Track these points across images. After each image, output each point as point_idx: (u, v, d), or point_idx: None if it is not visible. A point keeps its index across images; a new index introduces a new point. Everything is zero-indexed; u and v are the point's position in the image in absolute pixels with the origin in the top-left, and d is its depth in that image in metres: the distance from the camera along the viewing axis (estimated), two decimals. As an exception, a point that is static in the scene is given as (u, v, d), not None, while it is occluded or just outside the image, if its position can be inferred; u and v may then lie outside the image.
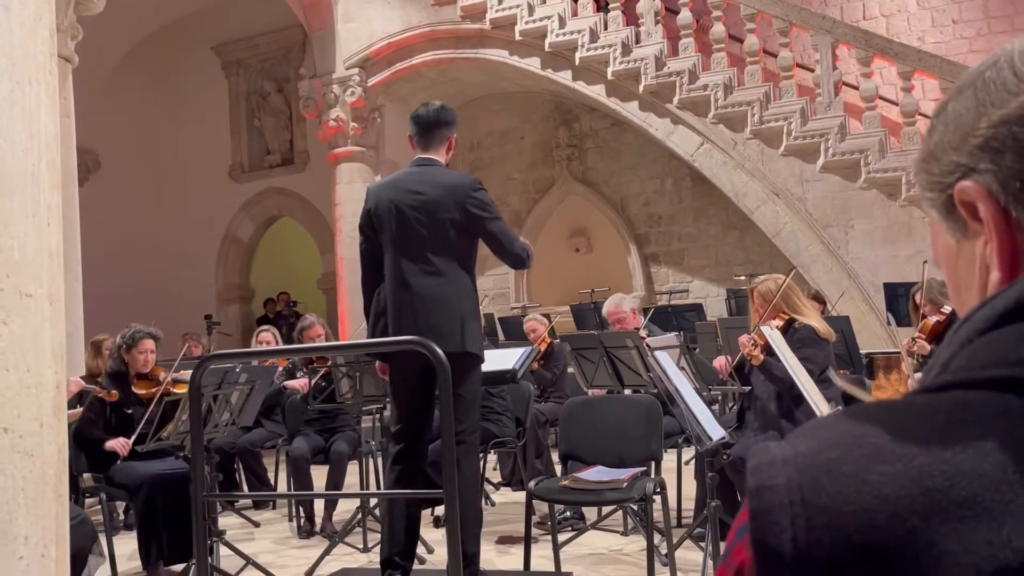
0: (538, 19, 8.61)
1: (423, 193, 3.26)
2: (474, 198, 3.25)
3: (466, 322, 3.23)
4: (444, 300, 3.21)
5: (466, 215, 3.22)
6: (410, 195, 3.27)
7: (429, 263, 3.23)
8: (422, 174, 3.33)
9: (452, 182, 3.30)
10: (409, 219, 3.25)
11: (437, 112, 3.40)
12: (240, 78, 12.53)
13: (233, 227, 12.61)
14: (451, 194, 3.24)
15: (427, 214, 3.22)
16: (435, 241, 3.23)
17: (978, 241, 0.56)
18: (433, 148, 3.39)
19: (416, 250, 3.24)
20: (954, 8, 9.41)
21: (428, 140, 3.38)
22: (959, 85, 0.60)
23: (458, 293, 3.24)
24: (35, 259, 1.35)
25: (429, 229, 3.23)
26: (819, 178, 7.66)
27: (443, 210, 3.22)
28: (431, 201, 3.23)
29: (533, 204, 10.39)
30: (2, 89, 1.30)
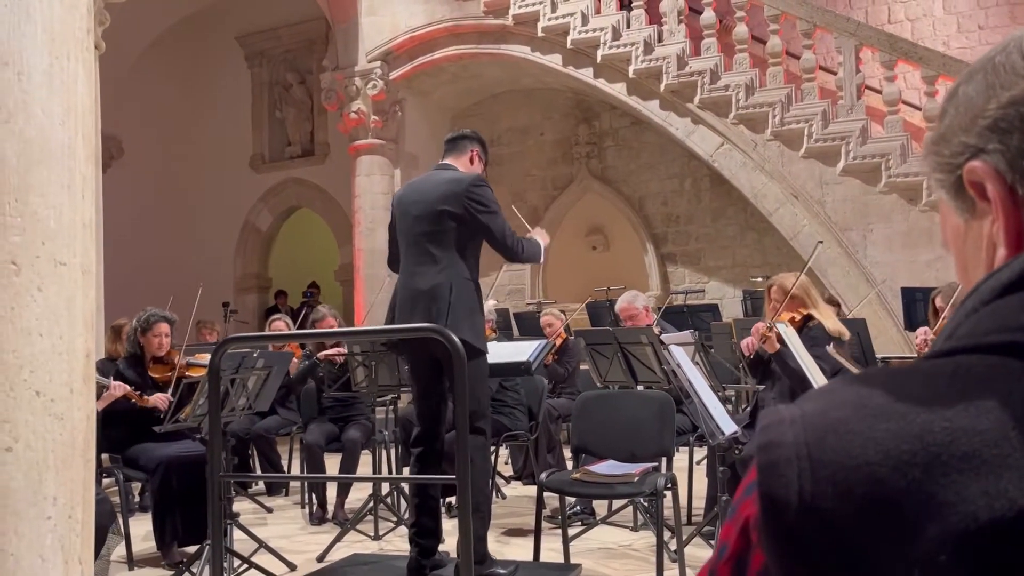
0: (561, 16, 8.63)
1: (426, 190, 3.45)
2: (472, 192, 3.37)
3: (460, 312, 3.32)
4: (438, 288, 3.33)
5: (463, 208, 3.35)
6: (417, 193, 3.48)
7: (428, 255, 3.38)
8: (432, 175, 3.55)
9: (453, 177, 3.46)
10: (412, 215, 3.43)
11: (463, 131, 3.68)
12: (263, 69, 12.62)
13: (252, 217, 12.70)
14: (451, 189, 3.38)
15: (427, 208, 3.39)
16: (434, 234, 3.38)
17: (986, 220, 0.58)
18: (453, 156, 3.59)
19: (418, 243, 3.41)
20: (980, 14, 9.34)
21: (451, 149, 3.61)
22: (970, 70, 0.62)
23: (454, 283, 3.34)
24: (69, 229, 1.39)
25: (429, 223, 3.38)
26: (839, 181, 7.63)
27: (442, 203, 3.37)
28: (432, 196, 3.40)
29: (551, 201, 10.40)
30: (42, 63, 1.34)
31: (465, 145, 3.58)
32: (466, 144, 3.58)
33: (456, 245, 3.37)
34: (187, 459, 4.12)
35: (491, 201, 3.42)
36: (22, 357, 1.33)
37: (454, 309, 3.30)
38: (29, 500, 1.31)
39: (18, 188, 1.32)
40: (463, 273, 3.38)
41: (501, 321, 7.55)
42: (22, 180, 1.33)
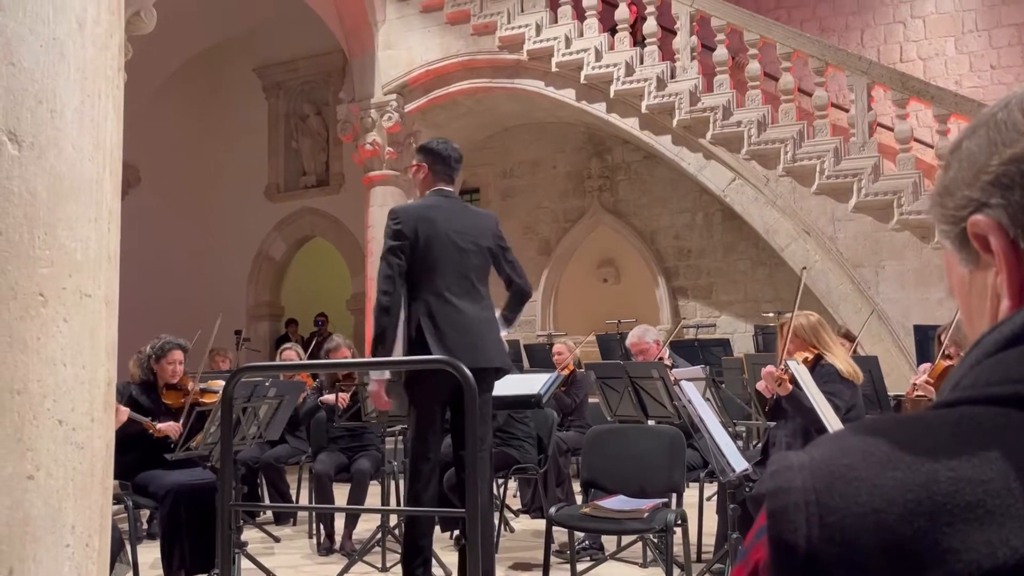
0: (575, 51, 8.73)
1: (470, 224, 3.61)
2: (498, 231, 3.68)
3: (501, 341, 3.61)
4: (491, 322, 3.56)
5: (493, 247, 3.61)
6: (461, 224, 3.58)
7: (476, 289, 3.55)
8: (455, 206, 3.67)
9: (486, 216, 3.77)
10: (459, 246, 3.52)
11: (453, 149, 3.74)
12: (280, 100, 12.80)
13: (266, 245, 12.80)
14: (488, 227, 3.64)
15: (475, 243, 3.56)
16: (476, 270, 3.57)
17: (989, 272, 0.60)
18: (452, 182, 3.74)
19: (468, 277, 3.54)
20: (992, 53, 9.40)
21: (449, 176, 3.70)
22: (973, 124, 0.64)
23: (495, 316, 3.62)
24: (95, 261, 1.43)
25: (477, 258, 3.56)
26: (851, 218, 7.64)
27: (486, 240, 3.60)
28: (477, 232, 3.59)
29: (563, 233, 10.45)
30: (74, 101, 1.38)
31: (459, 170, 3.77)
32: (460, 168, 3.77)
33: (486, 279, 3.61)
34: (196, 487, 4.12)
35: None
36: (46, 386, 1.36)
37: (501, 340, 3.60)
38: (48, 527, 1.33)
39: (47, 222, 1.36)
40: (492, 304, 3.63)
41: (512, 353, 7.56)
42: (51, 214, 1.37)
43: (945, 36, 9.60)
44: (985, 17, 9.45)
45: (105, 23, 1.45)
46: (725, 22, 8.31)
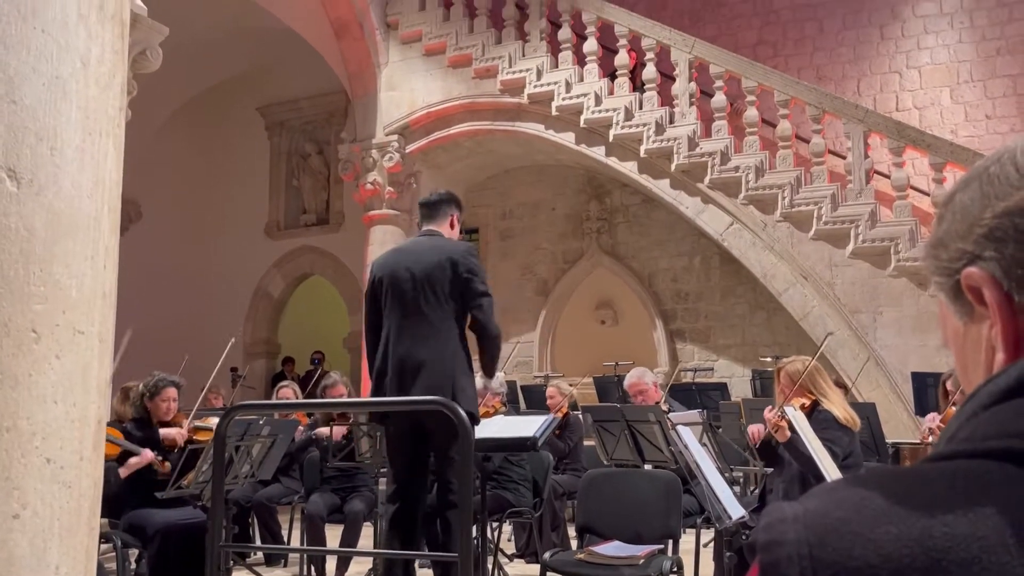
0: (575, 96, 8.83)
1: (420, 260, 3.45)
2: (467, 262, 3.43)
3: (457, 382, 3.35)
4: (437, 361, 3.35)
5: (457, 279, 3.40)
6: (408, 261, 3.47)
7: (422, 326, 3.38)
8: (420, 243, 3.58)
9: (447, 248, 3.50)
10: (404, 285, 3.42)
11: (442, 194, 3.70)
12: (282, 139, 12.91)
13: (265, 282, 12.81)
14: (445, 259, 3.42)
15: (422, 279, 3.41)
16: (428, 305, 3.39)
17: (984, 324, 0.60)
18: (436, 222, 3.63)
19: (411, 314, 3.41)
20: (988, 104, 9.51)
21: (432, 216, 3.64)
22: (966, 177, 0.65)
23: (450, 354, 3.38)
24: (90, 298, 1.43)
25: (423, 293, 3.40)
26: (848, 264, 7.67)
27: (437, 273, 3.40)
28: (426, 266, 3.42)
29: (561, 274, 10.47)
30: (75, 140, 1.39)
31: (444, 210, 3.62)
32: (445, 209, 3.63)
33: (452, 314, 3.41)
34: (186, 527, 4.07)
35: (484, 273, 3.50)
36: (36, 424, 1.35)
37: (457, 380, 3.33)
38: (33, 568, 1.31)
39: (43, 258, 1.36)
40: (459, 342, 3.42)
41: (509, 394, 7.52)
42: (48, 251, 1.37)
43: (941, 86, 9.73)
44: (980, 68, 9.59)
45: (109, 63, 1.47)
46: (723, 69, 8.42)
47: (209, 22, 10.28)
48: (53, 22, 1.34)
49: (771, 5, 10.56)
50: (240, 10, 9.83)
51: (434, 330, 3.37)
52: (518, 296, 10.42)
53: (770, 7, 10.56)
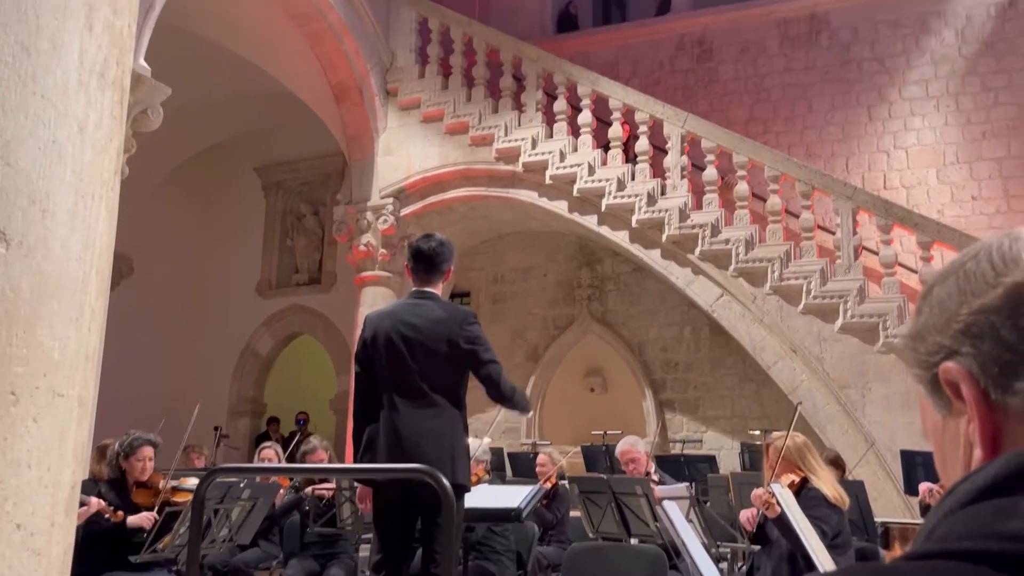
0: (569, 165, 8.96)
1: (418, 326, 3.34)
2: (467, 331, 3.33)
3: (456, 454, 3.27)
4: (435, 432, 3.26)
5: (458, 348, 3.31)
6: (406, 327, 3.35)
7: (422, 395, 3.29)
8: (419, 307, 3.42)
9: (447, 315, 3.39)
10: (403, 351, 3.32)
11: (438, 246, 3.51)
12: (278, 199, 13.02)
13: (253, 341, 12.75)
14: (445, 327, 3.33)
15: (421, 346, 3.31)
16: (428, 374, 3.30)
17: (962, 419, 0.60)
18: (432, 282, 3.50)
19: (409, 382, 3.31)
20: (973, 185, 9.69)
21: (428, 274, 3.49)
22: (943, 271, 0.66)
23: (449, 425, 3.29)
24: (72, 361, 1.42)
25: (422, 362, 3.30)
26: (837, 339, 7.69)
27: (436, 342, 3.30)
28: (426, 333, 3.32)
29: (551, 340, 10.46)
30: (67, 202, 1.41)
31: (442, 267, 3.50)
32: (443, 266, 3.50)
33: (448, 386, 3.33)
34: (160, 592, 3.96)
35: (486, 340, 3.41)
36: (7, 488, 1.33)
37: (455, 451, 3.26)
38: (-5, 639, 1.27)
39: (28, 320, 1.36)
40: (458, 416, 3.34)
41: (495, 461, 7.43)
42: (33, 312, 1.37)
43: (927, 167, 9.92)
44: (966, 151, 9.79)
45: (107, 127, 1.49)
46: (715, 144, 8.58)
47: (212, 84, 10.47)
48: (53, 88, 1.36)
49: (762, 84, 10.83)
50: (243, 73, 10.02)
51: (432, 399, 3.29)
52: (508, 361, 10.36)
53: (761, 86, 10.83)
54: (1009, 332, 0.57)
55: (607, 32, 12.26)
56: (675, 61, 11.30)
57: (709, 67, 11.14)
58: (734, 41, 11.04)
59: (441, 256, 3.50)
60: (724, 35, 11.11)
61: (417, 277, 3.52)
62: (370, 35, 9.81)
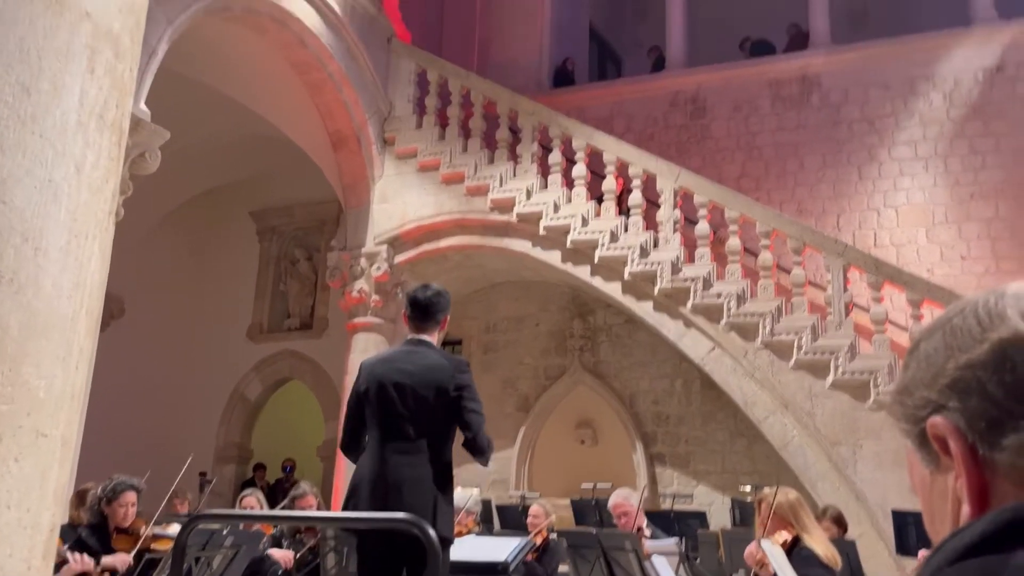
0: (563, 217, 9.03)
1: (411, 372, 3.36)
2: (458, 379, 3.35)
3: (439, 503, 3.24)
4: (418, 480, 3.24)
5: (447, 395, 3.31)
6: (397, 374, 3.37)
7: (407, 441, 3.28)
8: (412, 354, 3.45)
9: (440, 362, 3.41)
10: (392, 398, 3.33)
11: (435, 296, 3.56)
12: (272, 244, 13.04)
13: (242, 385, 12.65)
14: (437, 374, 3.35)
15: (411, 392, 3.32)
16: (415, 420, 3.30)
17: (950, 475, 0.60)
18: (427, 330, 3.53)
19: (396, 428, 3.31)
20: (962, 245, 9.79)
21: (423, 322, 3.53)
22: (930, 326, 0.66)
23: (433, 474, 3.27)
24: (57, 400, 1.40)
25: (411, 408, 3.30)
26: (828, 395, 7.68)
27: (427, 389, 3.31)
28: (417, 380, 3.33)
29: (542, 391, 10.41)
30: (60, 241, 1.41)
31: (437, 317, 3.54)
32: (438, 316, 3.54)
33: (437, 431, 3.33)
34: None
35: (475, 390, 3.41)
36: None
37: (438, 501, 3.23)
38: None
39: (14, 357, 1.35)
40: (444, 464, 3.32)
41: (484, 513, 7.32)
42: (20, 349, 1.36)
43: (917, 226, 10.03)
44: (955, 211, 9.92)
45: (103, 168, 1.50)
46: (707, 199, 8.67)
47: (210, 129, 10.57)
48: (52, 128, 1.38)
49: (754, 141, 10.99)
50: (241, 118, 10.13)
51: (418, 447, 3.28)
52: (498, 411, 10.32)
53: (753, 143, 10.99)
54: (996, 387, 0.57)
55: (602, 88, 12.48)
56: (669, 117, 11.48)
57: (702, 124, 11.31)
58: (727, 99, 11.24)
59: (437, 306, 3.53)
60: (717, 93, 11.31)
61: (413, 325, 3.55)
62: (369, 85, 9.96)
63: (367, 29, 10.01)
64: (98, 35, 1.43)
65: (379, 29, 10.29)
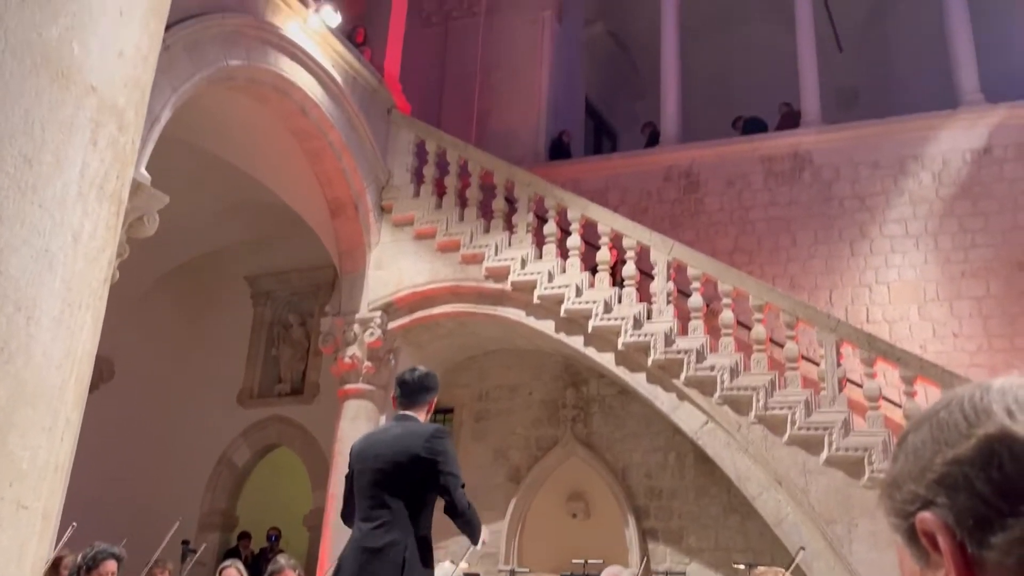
0: (557, 286, 9.06)
1: (387, 443, 3.46)
2: (431, 444, 3.37)
3: (408, 570, 3.22)
4: (389, 548, 3.25)
5: (421, 461, 3.35)
6: (376, 446, 3.48)
7: (384, 510, 3.32)
8: (393, 428, 3.59)
9: (413, 430, 3.48)
10: (369, 469, 3.41)
11: (422, 378, 3.66)
12: (266, 308, 13.03)
13: (230, 451, 12.47)
14: (409, 440, 3.40)
15: (385, 463, 3.38)
16: (391, 490, 3.34)
17: (940, 572, 0.60)
18: (414, 407, 3.62)
19: (374, 499, 3.36)
20: (954, 322, 9.83)
21: (410, 401, 3.61)
22: (918, 419, 0.66)
23: (403, 540, 3.27)
24: (41, 470, 1.38)
25: (387, 477, 3.35)
26: (823, 471, 7.60)
27: (400, 456, 3.36)
28: (391, 450, 3.40)
29: (534, 462, 10.28)
30: (53, 311, 1.41)
31: (424, 397, 3.62)
32: (425, 396, 3.63)
33: (413, 499, 3.35)
34: None
35: (452, 453, 3.44)
36: (-42, 604, 1.26)
37: (406, 570, 3.22)
38: None
39: (1, 427, 1.33)
40: (419, 529, 3.33)
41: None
42: (6, 419, 1.35)
43: (909, 302, 10.09)
44: (946, 289, 9.99)
45: (100, 238, 1.51)
46: (700, 271, 8.73)
47: (209, 193, 10.68)
48: (52, 199, 1.39)
49: (747, 216, 11.13)
50: (240, 184, 10.25)
51: (393, 516, 3.31)
52: (489, 481, 10.17)
53: (746, 218, 11.13)
54: (983, 485, 0.57)
55: (598, 161, 12.69)
56: (663, 191, 11.65)
57: (696, 198, 11.47)
58: (720, 174, 11.42)
59: (423, 387, 3.63)
60: (710, 168, 11.50)
61: (400, 404, 3.64)
62: (368, 154, 10.11)
63: (368, 100, 10.22)
64: (103, 109, 1.46)
65: (380, 100, 10.50)
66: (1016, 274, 9.75)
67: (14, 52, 1.32)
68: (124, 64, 1.49)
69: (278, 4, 8.91)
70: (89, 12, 1.44)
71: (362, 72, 10.12)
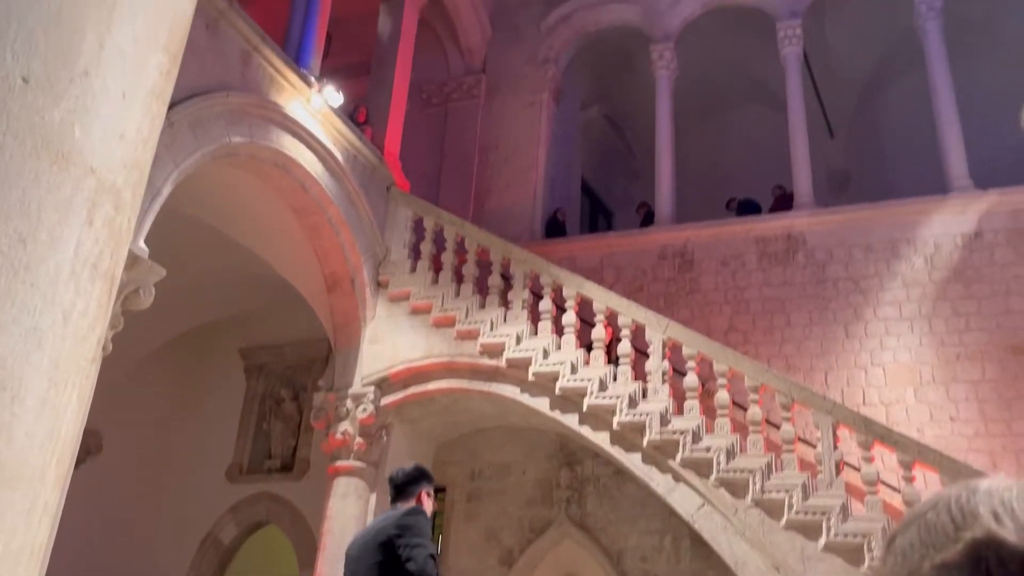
0: (552, 363, 9.04)
1: (367, 530, 3.63)
2: (400, 522, 3.47)
3: None
4: None
5: (391, 541, 3.43)
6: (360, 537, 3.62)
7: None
8: (377, 520, 3.84)
9: (391, 515, 3.61)
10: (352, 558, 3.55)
11: (413, 472, 3.79)
12: (259, 381, 12.93)
13: (217, 528, 12.19)
14: (383, 523, 3.55)
15: (361, 551, 3.50)
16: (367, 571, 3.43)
17: None
18: (401, 500, 3.71)
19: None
20: (951, 406, 9.78)
21: (399, 494, 3.73)
22: (906, 520, 0.66)
23: None
24: (16, 555, 1.35)
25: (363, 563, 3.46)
26: (821, 558, 7.44)
27: (374, 540, 3.48)
28: (369, 536, 3.53)
29: (527, 544, 10.06)
30: (39, 390, 1.40)
31: (412, 490, 3.71)
32: (413, 489, 3.71)
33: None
34: None
35: (421, 528, 3.47)
36: None
37: None
38: None
39: (-24, 511, 1.31)
40: None
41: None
42: (-17, 501, 1.32)
43: (905, 385, 10.05)
44: (942, 371, 9.96)
45: (91, 316, 1.51)
46: (696, 351, 8.72)
47: (205, 266, 10.73)
48: (44, 277, 1.40)
49: (742, 295, 11.19)
50: (236, 256, 10.31)
51: None
52: (481, 564, 9.94)
53: (740, 297, 11.18)
54: None
55: (593, 239, 12.83)
56: (657, 270, 11.73)
57: (690, 277, 11.55)
58: (714, 254, 11.53)
59: (410, 480, 3.72)
60: (705, 248, 11.62)
61: (392, 501, 3.77)
62: (367, 230, 10.21)
63: (368, 177, 10.39)
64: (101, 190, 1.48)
65: (379, 178, 10.67)
66: (1010, 358, 9.75)
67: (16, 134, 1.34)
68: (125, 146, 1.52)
69: (282, 84, 9.13)
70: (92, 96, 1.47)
71: (363, 150, 10.30)
